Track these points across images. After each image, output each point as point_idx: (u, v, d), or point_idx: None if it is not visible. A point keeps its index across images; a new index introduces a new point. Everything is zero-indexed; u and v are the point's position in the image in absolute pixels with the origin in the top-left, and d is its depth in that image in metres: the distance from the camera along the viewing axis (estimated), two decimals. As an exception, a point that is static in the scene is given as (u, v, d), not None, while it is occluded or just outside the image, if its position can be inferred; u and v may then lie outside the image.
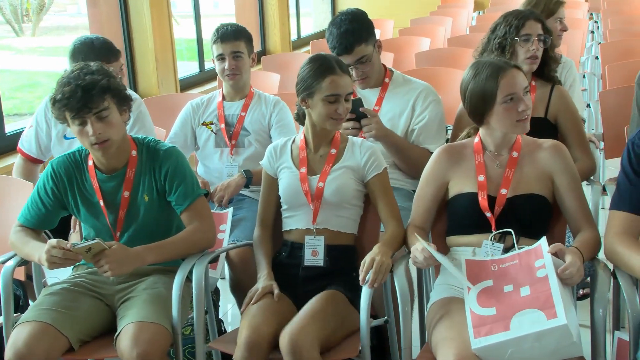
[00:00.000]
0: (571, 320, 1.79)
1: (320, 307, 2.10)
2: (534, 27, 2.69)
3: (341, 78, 2.24)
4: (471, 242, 2.14)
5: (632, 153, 1.97)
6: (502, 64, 2.11)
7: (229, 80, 2.99)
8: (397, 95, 2.79)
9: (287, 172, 2.36)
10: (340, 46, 2.70)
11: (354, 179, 2.32)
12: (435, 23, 6.41)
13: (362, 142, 2.36)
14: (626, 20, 5.54)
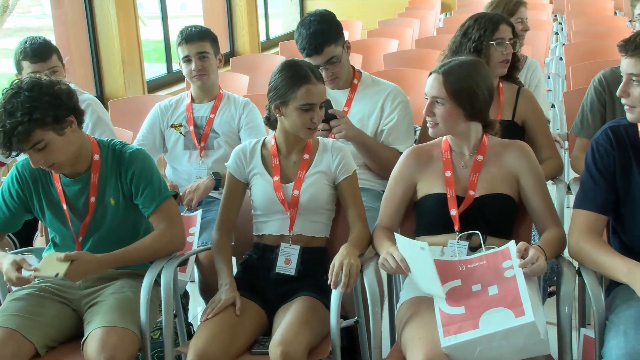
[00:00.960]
0: (538, 318, 1.81)
1: (305, 315, 2.10)
2: (507, 31, 2.73)
3: (316, 87, 2.22)
4: (439, 242, 2.16)
5: (595, 153, 2.00)
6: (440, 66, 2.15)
7: (196, 82, 2.97)
8: (366, 97, 2.80)
9: (260, 179, 2.34)
10: (309, 47, 2.70)
11: (327, 183, 2.32)
12: (403, 25, 6.45)
13: (333, 144, 2.36)
14: (590, 22, 5.64)
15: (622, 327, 1.79)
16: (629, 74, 1.88)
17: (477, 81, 2.11)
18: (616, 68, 2.67)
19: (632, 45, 1.84)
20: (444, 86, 2.10)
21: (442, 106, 2.11)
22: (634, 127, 1.97)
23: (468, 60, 2.18)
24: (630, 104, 1.89)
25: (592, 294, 1.92)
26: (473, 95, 2.11)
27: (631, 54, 1.85)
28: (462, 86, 2.10)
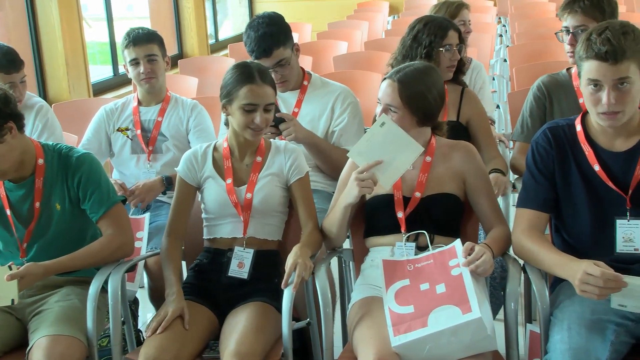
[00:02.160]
0: (485, 315, 1.85)
1: (258, 322, 2.08)
2: (454, 37, 2.77)
3: (260, 88, 2.19)
4: (389, 242, 2.19)
5: (535, 153, 2.05)
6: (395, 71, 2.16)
7: (144, 85, 2.92)
8: (316, 98, 2.81)
9: (213, 182, 2.31)
10: (258, 49, 2.69)
11: (279, 185, 2.31)
12: (352, 27, 6.49)
13: (286, 146, 2.35)
14: (532, 24, 5.77)
15: (566, 322, 1.84)
16: (617, 80, 1.86)
17: (430, 89, 2.14)
18: (555, 74, 2.76)
19: (617, 51, 1.83)
20: (399, 95, 2.11)
21: (396, 114, 2.13)
22: (572, 128, 2.02)
23: (422, 67, 2.19)
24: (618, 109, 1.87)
25: (536, 290, 1.97)
26: (427, 104, 2.14)
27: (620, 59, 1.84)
28: (417, 95, 2.12)
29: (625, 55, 1.84)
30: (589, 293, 1.76)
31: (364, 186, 2.06)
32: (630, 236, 1.94)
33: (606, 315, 1.85)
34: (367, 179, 2.06)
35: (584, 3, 2.65)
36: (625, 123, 1.94)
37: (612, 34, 1.85)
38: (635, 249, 1.94)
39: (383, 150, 2.07)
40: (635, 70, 1.86)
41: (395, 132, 2.07)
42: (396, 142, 2.07)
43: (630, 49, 1.84)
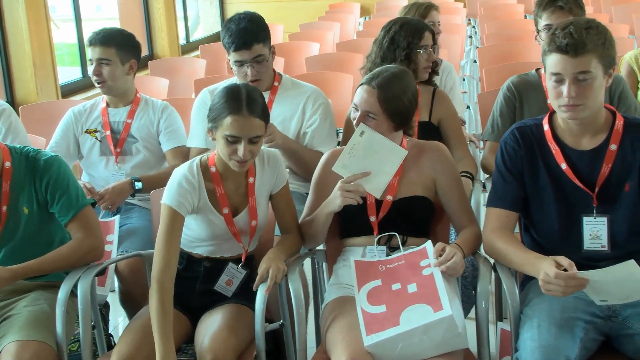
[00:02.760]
0: (456, 312, 1.87)
1: (231, 321, 2.06)
2: (429, 38, 2.79)
3: (245, 120, 2.03)
4: (361, 243, 2.20)
5: (504, 152, 2.08)
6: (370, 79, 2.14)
7: (98, 87, 2.90)
8: (287, 99, 2.81)
9: (207, 213, 2.15)
10: (239, 41, 2.65)
11: (266, 200, 2.26)
12: (324, 28, 6.50)
13: (268, 156, 2.25)
14: (501, 25, 5.83)
15: (536, 320, 1.86)
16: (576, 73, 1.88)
17: (407, 93, 2.15)
18: (524, 74, 2.79)
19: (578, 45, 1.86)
20: (378, 101, 2.10)
21: (374, 120, 2.13)
22: (540, 128, 2.05)
23: (398, 71, 2.18)
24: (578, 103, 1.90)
25: (507, 288, 1.99)
26: (404, 109, 2.15)
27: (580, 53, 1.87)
28: (396, 101, 2.12)
29: (586, 49, 1.87)
30: (553, 292, 1.79)
31: (348, 197, 2.06)
32: (597, 233, 1.97)
33: (575, 312, 1.88)
34: (352, 189, 2.06)
35: (565, 0, 2.69)
36: (590, 122, 1.97)
37: (575, 28, 1.88)
38: (602, 246, 1.98)
39: (367, 159, 2.08)
40: (596, 65, 1.88)
41: (377, 140, 2.07)
42: (379, 150, 2.07)
43: (592, 42, 1.87)
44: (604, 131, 1.99)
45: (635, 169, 1.95)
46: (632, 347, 1.88)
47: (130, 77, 2.93)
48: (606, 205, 1.97)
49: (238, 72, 2.74)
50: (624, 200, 1.96)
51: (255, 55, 2.68)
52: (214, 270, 2.22)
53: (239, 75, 2.75)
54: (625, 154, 1.96)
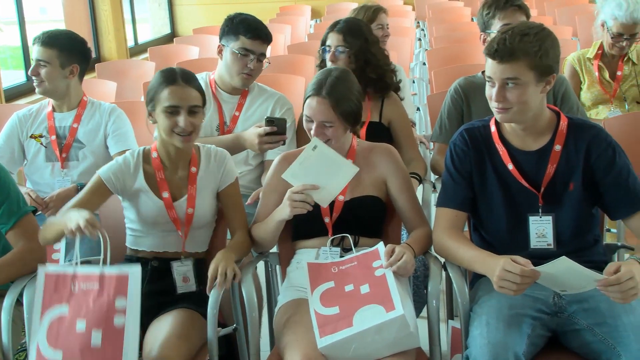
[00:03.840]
0: (408, 312, 1.89)
1: (181, 327, 2.04)
2: (334, 39, 2.81)
3: (182, 89, 2.12)
4: (314, 245, 2.21)
5: (453, 153, 2.11)
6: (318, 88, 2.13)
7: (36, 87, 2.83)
8: (256, 103, 2.84)
9: (144, 197, 2.20)
10: (262, 32, 2.75)
11: (212, 194, 2.26)
12: (275, 30, 6.41)
13: (216, 152, 2.28)
14: (449, 28, 5.92)
15: (485, 318, 1.89)
16: (504, 79, 1.94)
17: (355, 93, 2.18)
18: (471, 77, 2.84)
19: (506, 51, 1.91)
20: (332, 110, 2.11)
21: (332, 127, 2.14)
22: (487, 129, 2.09)
23: (340, 74, 2.18)
24: (507, 107, 1.96)
25: (456, 287, 2.02)
26: (356, 109, 2.17)
27: (507, 60, 1.91)
28: (348, 105, 2.14)
29: (514, 56, 1.90)
30: (506, 289, 1.82)
31: (297, 206, 2.06)
32: (543, 232, 2.02)
33: (523, 309, 1.92)
34: (300, 200, 2.06)
35: (513, 4, 2.75)
36: (532, 124, 2.02)
37: (510, 34, 1.92)
38: (548, 244, 2.02)
39: (317, 173, 2.08)
40: (526, 72, 1.91)
41: (328, 155, 2.08)
42: (330, 165, 2.08)
43: (522, 51, 1.90)
44: (548, 132, 2.04)
45: (579, 168, 2.00)
46: (577, 342, 1.93)
47: (73, 81, 2.86)
48: (551, 204, 2.01)
49: (239, 61, 2.74)
50: (569, 200, 2.01)
51: (264, 51, 2.75)
52: (160, 270, 2.20)
53: (238, 65, 2.75)
54: (569, 154, 2.01)
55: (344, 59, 2.78)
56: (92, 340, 1.75)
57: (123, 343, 1.76)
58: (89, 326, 1.78)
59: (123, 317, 1.80)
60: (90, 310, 1.81)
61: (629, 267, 1.75)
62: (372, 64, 2.80)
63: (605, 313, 1.86)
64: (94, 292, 1.84)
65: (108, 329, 1.79)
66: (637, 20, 3.22)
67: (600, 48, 3.40)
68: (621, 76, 3.34)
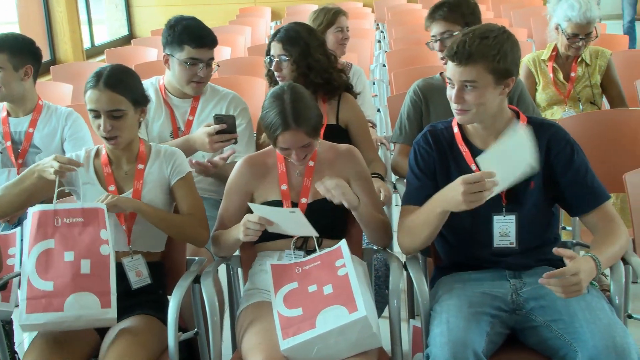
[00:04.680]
0: (370, 313, 1.89)
1: (139, 335, 2.02)
2: (275, 48, 2.80)
3: (101, 93, 2.10)
4: (277, 247, 2.20)
5: (417, 154, 2.13)
6: (285, 121, 2.08)
7: None
8: (210, 104, 2.80)
9: (91, 189, 2.21)
10: (208, 37, 2.72)
11: (163, 192, 2.25)
12: (235, 32, 6.45)
13: (166, 151, 2.29)
14: (408, 30, 5.96)
15: (445, 316, 1.91)
16: (463, 81, 1.96)
17: (315, 106, 2.17)
18: (429, 78, 2.88)
19: (464, 54, 1.93)
20: (307, 135, 2.11)
21: (309, 146, 2.14)
22: (450, 130, 2.12)
23: (296, 95, 2.14)
24: (465, 108, 1.99)
25: (417, 286, 2.04)
26: (320, 120, 2.18)
27: (465, 63, 1.94)
28: (316, 121, 2.14)
29: (472, 59, 1.93)
30: (477, 201, 1.83)
31: (249, 234, 2.07)
32: (506, 231, 2.05)
33: (482, 307, 1.95)
34: (253, 229, 2.06)
35: (442, 10, 2.79)
36: (491, 124, 2.04)
37: (470, 37, 1.95)
38: (510, 242, 2.05)
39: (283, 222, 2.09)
40: (484, 75, 1.94)
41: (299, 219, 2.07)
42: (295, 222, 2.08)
43: (480, 54, 1.93)
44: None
45: (540, 166, 2.04)
46: (535, 339, 1.96)
47: (28, 84, 2.80)
48: (514, 203, 2.04)
49: (188, 71, 2.71)
50: (530, 198, 2.04)
51: (211, 56, 2.71)
52: None
53: (187, 75, 2.72)
54: None
55: (287, 67, 2.77)
56: (81, 269, 1.91)
57: (110, 268, 1.94)
58: (77, 256, 1.93)
59: (107, 247, 1.98)
60: (77, 242, 1.96)
61: (577, 264, 1.79)
62: (316, 69, 2.76)
63: (561, 310, 1.90)
64: (79, 224, 1.98)
65: (95, 257, 1.94)
66: (590, 20, 3.29)
67: (555, 50, 3.47)
68: (575, 77, 3.42)
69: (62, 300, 1.92)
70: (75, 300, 1.93)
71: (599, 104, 3.44)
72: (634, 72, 3.60)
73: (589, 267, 1.83)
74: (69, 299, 1.92)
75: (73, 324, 1.96)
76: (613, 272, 2.01)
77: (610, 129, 2.91)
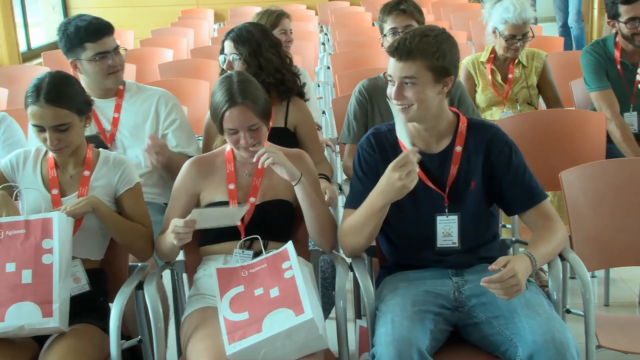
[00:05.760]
0: (317, 315, 1.90)
1: (78, 345, 1.96)
2: (228, 47, 2.81)
3: (43, 110, 2.07)
4: (223, 250, 2.19)
5: (361, 157, 2.15)
6: (232, 97, 2.10)
7: None
8: (136, 103, 2.75)
9: (34, 191, 2.16)
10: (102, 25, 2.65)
11: (107, 199, 2.21)
12: (177, 34, 6.38)
13: (114, 158, 2.25)
14: (352, 33, 6.01)
15: (390, 315, 1.93)
16: (403, 77, 2.00)
17: (263, 92, 2.19)
18: (374, 78, 2.91)
19: (405, 50, 1.97)
20: (254, 112, 2.10)
21: (258, 129, 2.13)
22: (393, 133, 2.13)
23: (244, 77, 2.17)
24: (407, 104, 2.02)
25: (362, 286, 2.06)
26: (270, 108, 2.18)
27: (405, 59, 1.98)
28: (264, 103, 2.14)
29: (412, 56, 1.97)
30: (414, 179, 1.90)
31: (181, 238, 2.04)
32: (449, 231, 2.09)
33: (425, 305, 1.97)
34: (183, 232, 2.03)
35: (405, 4, 2.85)
36: (432, 125, 2.08)
37: (411, 35, 2.00)
38: (453, 242, 2.09)
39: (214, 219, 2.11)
40: (424, 72, 1.99)
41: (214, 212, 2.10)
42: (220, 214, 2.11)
43: (420, 51, 1.97)
44: (449, 134, 2.11)
45: (479, 167, 2.08)
46: (477, 335, 2.00)
47: None
48: (456, 204, 2.08)
49: (100, 65, 2.65)
50: (471, 198, 2.08)
51: (115, 43, 2.65)
52: None
53: (101, 69, 2.66)
54: (469, 154, 2.09)
55: (239, 65, 2.76)
56: (22, 279, 1.93)
57: (53, 277, 1.94)
58: (18, 266, 1.95)
59: (51, 256, 1.98)
60: (18, 253, 1.97)
61: (512, 265, 1.84)
62: (267, 69, 2.76)
63: (502, 306, 1.94)
64: (21, 236, 1.99)
65: (37, 266, 1.96)
66: (526, 20, 3.39)
67: (493, 52, 3.55)
68: (512, 79, 3.51)
69: (3, 310, 1.91)
70: (16, 310, 1.92)
71: (535, 104, 3.54)
72: (568, 73, 3.71)
73: (524, 266, 1.88)
74: (10, 309, 1.92)
75: (18, 332, 1.94)
76: (551, 268, 2.07)
77: (547, 129, 2.99)
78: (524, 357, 1.82)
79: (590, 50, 3.29)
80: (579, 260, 2.08)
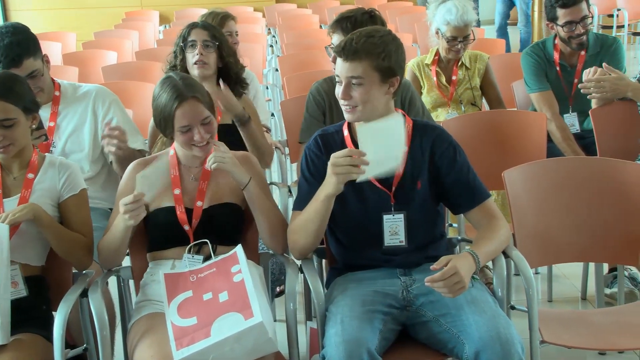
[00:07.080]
0: (266, 318, 1.89)
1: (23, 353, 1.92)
2: (200, 34, 2.81)
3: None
4: (171, 255, 2.16)
5: (308, 158, 2.16)
6: (181, 92, 2.10)
7: None
8: (72, 107, 2.69)
9: None
10: (6, 59, 2.49)
11: (50, 204, 2.16)
12: (121, 36, 6.28)
13: (61, 162, 2.21)
14: (299, 35, 6.03)
15: (340, 316, 1.94)
16: (349, 77, 2.02)
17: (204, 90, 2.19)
18: (329, 77, 2.92)
19: (351, 50, 2.00)
20: (205, 106, 2.12)
21: (209, 122, 2.13)
22: (340, 133, 2.16)
23: (185, 73, 2.19)
24: (353, 104, 2.04)
25: (312, 287, 2.06)
26: (212, 100, 2.20)
27: (351, 59, 2.00)
28: (209, 98, 2.17)
29: (357, 56, 2.00)
30: (344, 173, 1.92)
31: (133, 216, 2.01)
32: (396, 229, 2.11)
33: (374, 305, 1.99)
34: (134, 209, 2.00)
35: (346, 25, 2.83)
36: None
37: (358, 35, 2.02)
38: (400, 241, 2.11)
39: None
40: (370, 73, 2.01)
41: None
42: None
43: (366, 51, 2.00)
44: None
45: (425, 167, 2.12)
46: (425, 333, 2.02)
47: None
48: (402, 203, 2.11)
49: None
50: (417, 197, 2.11)
51: (28, 72, 2.53)
52: None
53: None
54: (415, 154, 2.12)
55: (213, 52, 2.80)
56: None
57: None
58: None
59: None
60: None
61: (454, 263, 1.87)
62: (230, 65, 2.85)
63: (449, 304, 1.97)
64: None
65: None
66: (467, 22, 3.45)
67: (437, 54, 3.61)
68: (456, 80, 3.57)
69: None
70: None
71: (479, 105, 3.62)
72: (510, 74, 3.80)
73: (467, 263, 1.92)
74: None
75: None
76: (495, 266, 2.11)
77: (490, 129, 3.06)
78: (470, 353, 1.85)
79: (531, 53, 3.38)
80: (522, 257, 2.13)
